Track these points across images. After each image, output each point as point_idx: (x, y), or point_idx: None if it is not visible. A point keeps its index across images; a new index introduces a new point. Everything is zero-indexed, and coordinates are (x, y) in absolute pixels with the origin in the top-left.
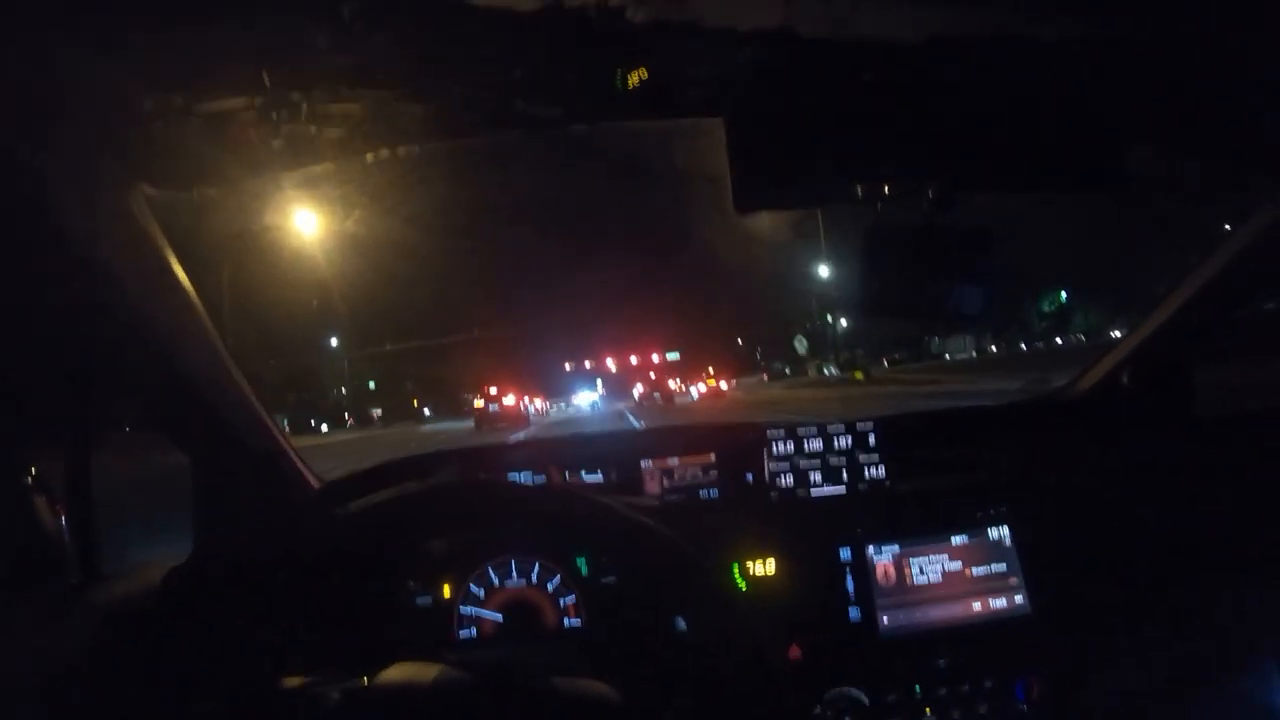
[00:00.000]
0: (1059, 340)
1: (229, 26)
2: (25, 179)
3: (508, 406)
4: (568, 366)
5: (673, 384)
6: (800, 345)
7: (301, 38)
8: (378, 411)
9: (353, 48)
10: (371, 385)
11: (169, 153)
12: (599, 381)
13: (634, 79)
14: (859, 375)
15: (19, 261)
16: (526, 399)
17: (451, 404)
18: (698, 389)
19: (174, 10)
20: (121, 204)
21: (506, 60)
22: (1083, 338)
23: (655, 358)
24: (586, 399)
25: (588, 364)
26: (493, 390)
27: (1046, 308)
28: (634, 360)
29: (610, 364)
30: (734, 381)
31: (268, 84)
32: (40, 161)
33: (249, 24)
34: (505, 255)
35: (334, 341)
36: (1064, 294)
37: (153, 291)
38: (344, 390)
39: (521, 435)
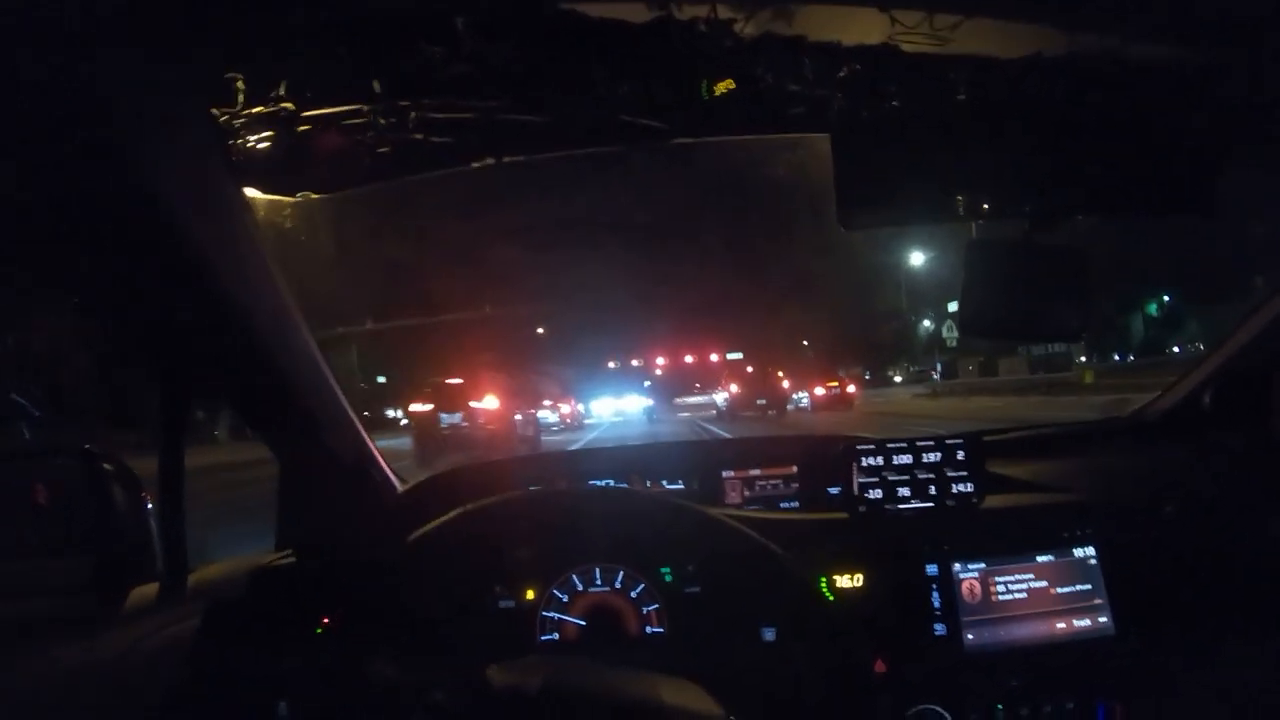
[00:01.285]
0: (1176, 349)
1: (340, 34)
2: (133, 178)
3: (485, 413)
4: (612, 364)
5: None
6: (949, 333)
7: (412, 46)
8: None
9: (462, 58)
10: (381, 379)
11: (276, 157)
12: (649, 385)
13: (721, 88)
14: (1089, 377)
15: (122, 259)
16: (541, 407)
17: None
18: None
19: (287, 18)
20: (226, 206)
21: (615, 73)
22: (1201, 346)
23: (714, 357)
24: (636, 405)
25: (635, 362)
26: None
27: (1153, 313)
28: (688, 360)
29: (659, 363)
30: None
31: (377, 91)
32: (148, 161)
33: (361, 32)
34: (590, 265)
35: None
36: (1166, 297)
37: (252, 293)
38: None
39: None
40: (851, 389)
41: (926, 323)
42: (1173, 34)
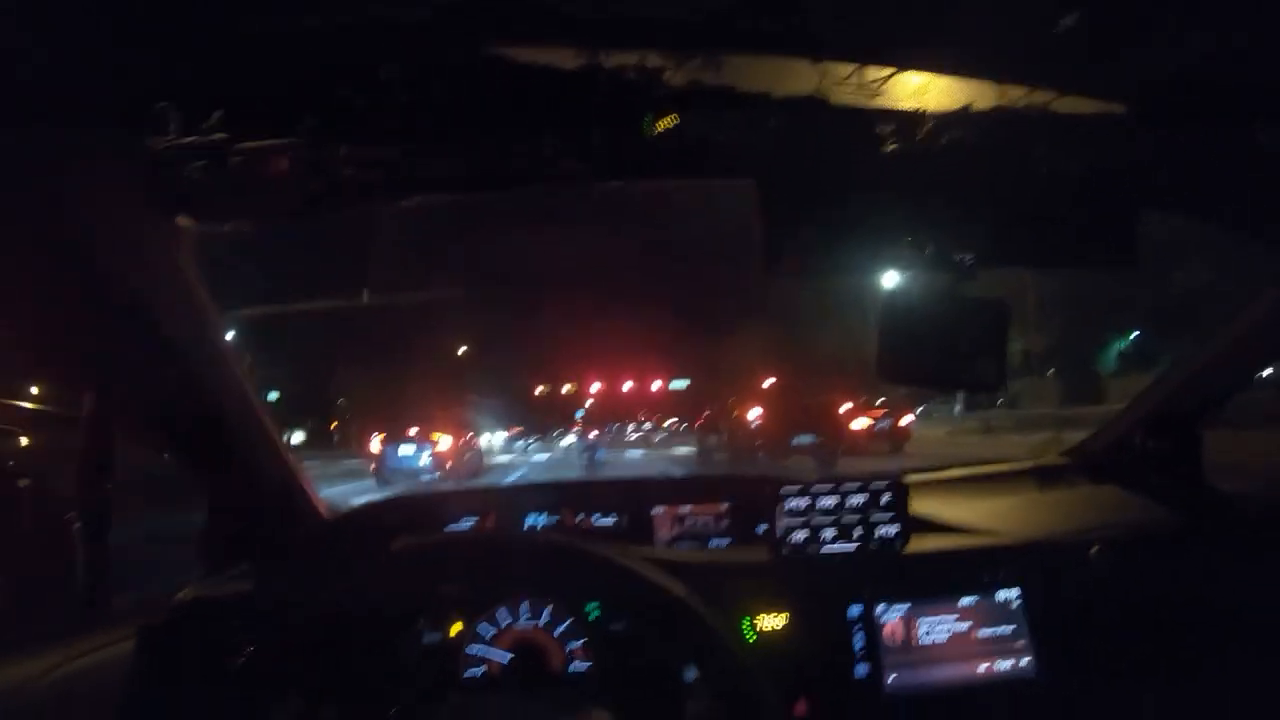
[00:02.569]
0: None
1: (272, 69)
2: (61, 204)
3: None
4: (539, 390)
5: None
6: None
7: (343, 83)
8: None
9: (392, 97)
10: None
11: (206, 188)
12: (583, 416)
13: (663, 124)
14: None
15: (48, 287)
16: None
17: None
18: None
19: (218, 50)
20: (157, 233)
21: (542, 117)
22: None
23: (656, 385)
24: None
25: (566, 388)
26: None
27: (1120, 348)
28: (627, 387)
29: (594, 390)
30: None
31: (307, 127)
32: (78, 188)
33: (292, 68)
34: (520, 303)
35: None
36: (1135, 332)
37: (180, 319)
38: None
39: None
40: (906, 420)
41: None
42: (1097, 88)
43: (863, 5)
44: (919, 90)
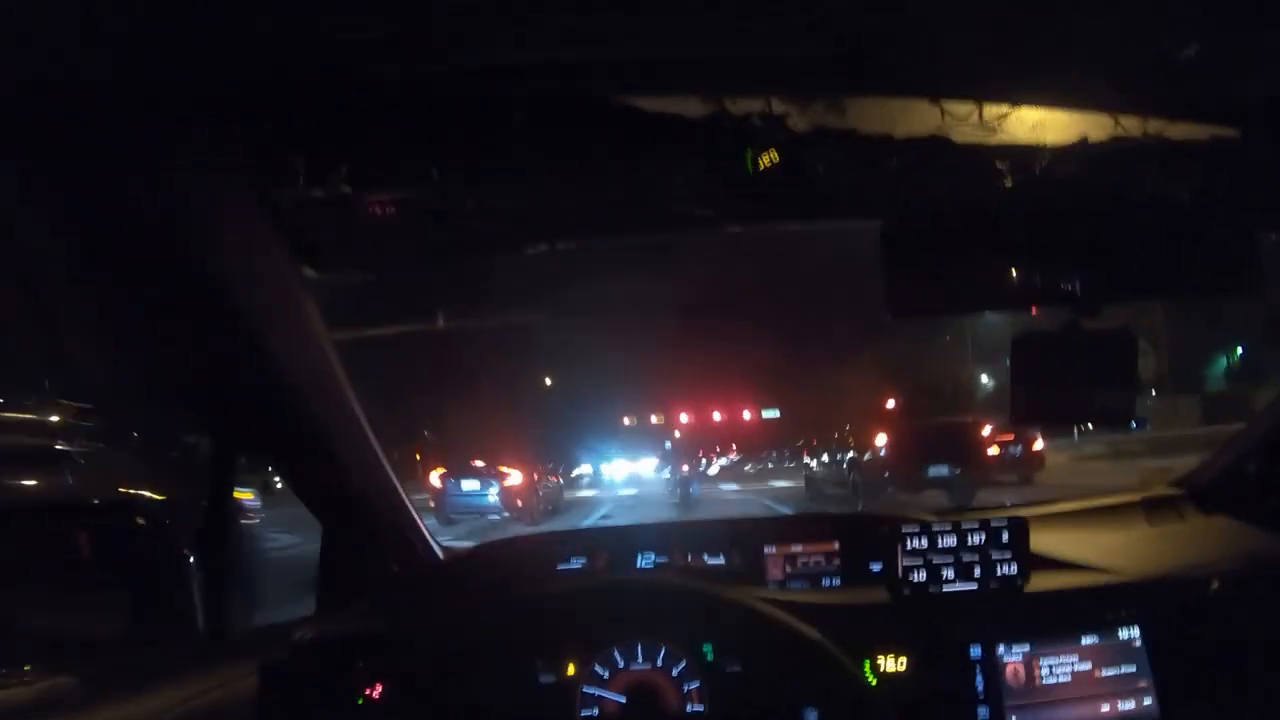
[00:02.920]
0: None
1: (399, 119)
2: (197, 253)
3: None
4: (627, 420)
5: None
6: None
7: (471, 133)
8: None
9: (520, 144)
10: None
11: (334, 237)
12: (670, 447)
13: (765, 161)
14: None
15: (184, 330)
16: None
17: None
18: None
19: (348, 101)
20: (283, 282)
21: (669, 162)
22: None
23: (747, 415)
24: (639, 468)
25: (655, 419)
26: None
27: (1227, 364)
28: (717, 417)
29: (683, 420)
30: None
31: (436, 177)
32: (213, 234)
33: (420, 117)
34: (646, 346)
35: None
36: (1240, 348)
37: (301, 360)
38: None
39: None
40: (1039, 445)
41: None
42: (1209, 114)
43: (978, 45)
44: (1036, 125)
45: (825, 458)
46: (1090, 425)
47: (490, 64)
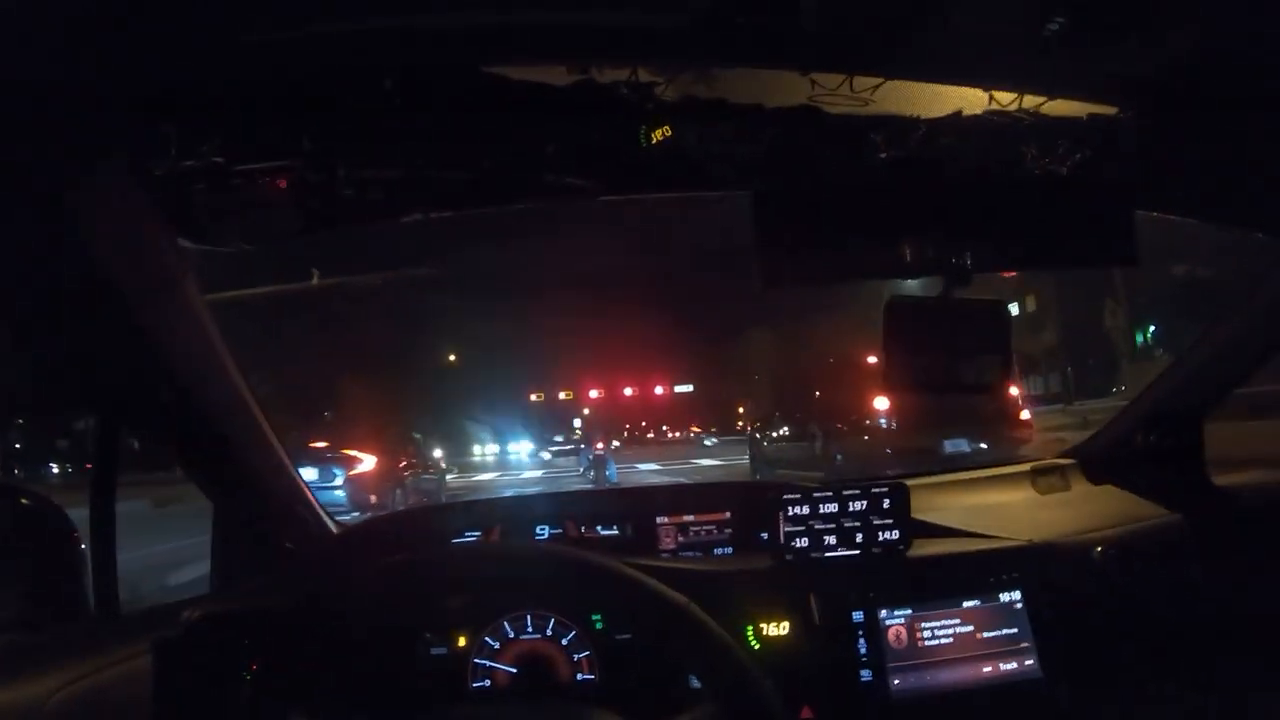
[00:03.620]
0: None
1: (271, 87)
2: (67, 224)
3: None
4: (534, 397)
5: None
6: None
7: (341, 104)
8: None
9: (391, 116)
10: None
11: (208, 208)
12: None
13: (658, 135)
14: None
15: (56, 303)
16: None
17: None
18: None
19: (219, 67)
20: (159, 253)
21: (538, 132)
22: None
23: (659, 389)
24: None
25: (563, 395)
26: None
27: (1140, 342)
28: (628, 392)
29: (593, 396)
30: None
31: (307, 147)
32: (82, 206)
33: (291, 87)
34: (519, 315)
35: None
36: (1152, 326)
37: (183, 337)
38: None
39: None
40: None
41: None
42: (1085, 89)
43: (850, 16)
44: (909, 98)
45: (785, 431)
46: (960, 393)
47: (361, 28)
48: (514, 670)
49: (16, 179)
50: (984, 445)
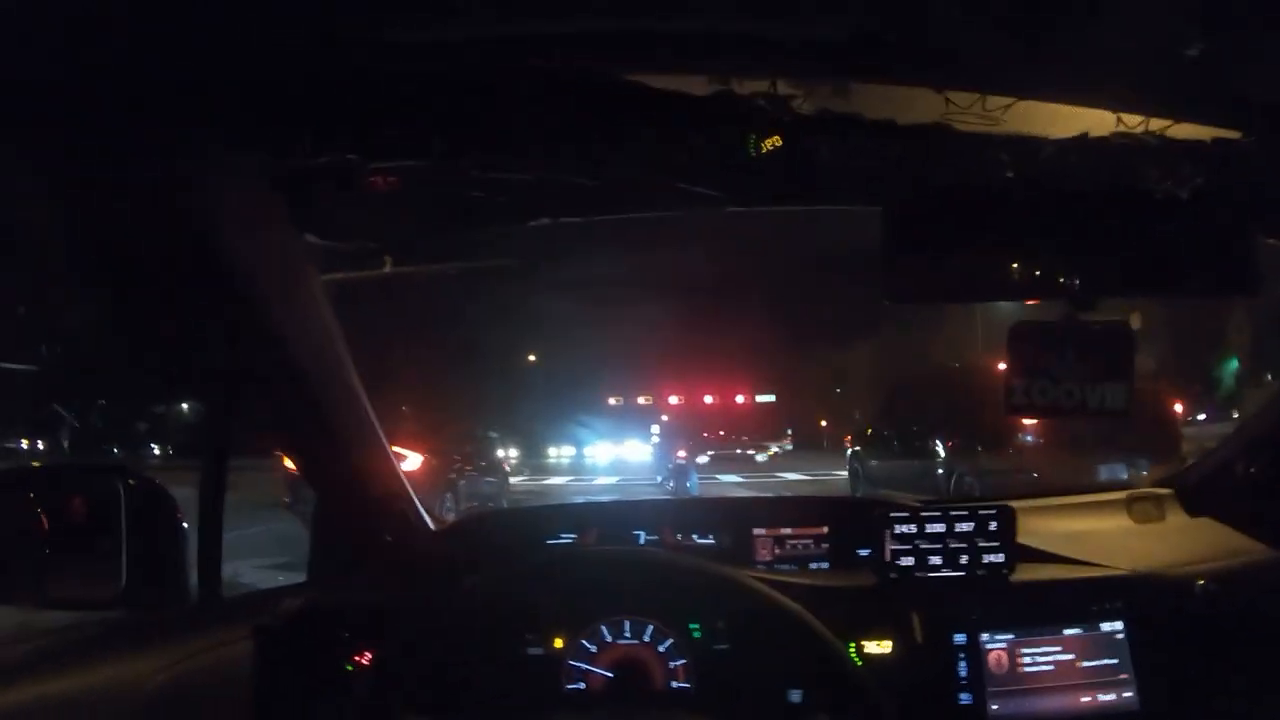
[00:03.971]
0: None
1: (404, 90)
2: (199, 219)
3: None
4: (613, 401)
5: None
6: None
7: (476, 106)
8: None
9: (525, 119)
10: None
11: (337, 206)
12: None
13: (767, 145)
14: None
15: (183, 293)
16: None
17: None
18: None
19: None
20: (285, 248)
21: (673, 140)
22: None
23: (740, 399)
24: (624, 452)
25: (642, 400)
26: None
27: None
28: (708, 400)
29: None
30: None
31: (438, 149)
32: (213, 201)
33: (425, 89)
34: (606, 317)
35: None
36: (1235, 361)
37: (301, 331)
38: None
39: None
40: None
41: None
42: (1212, 114)
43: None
44: (1039, 118)
45: (896, 446)
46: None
47: (497, 34)
48: (609, 675)
49: (150, 169)
50: (1144, 471)
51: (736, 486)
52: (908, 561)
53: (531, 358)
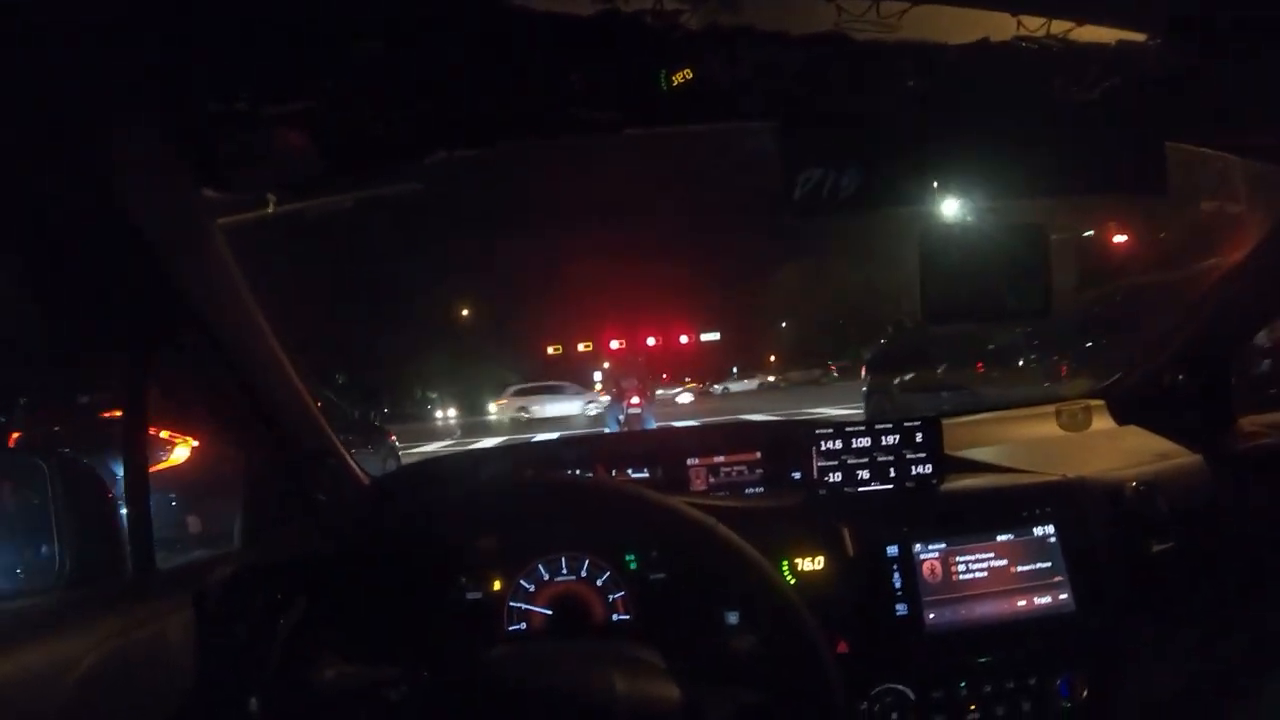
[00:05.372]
0: None
1: (291, 32)
2: (93, 172)
3: None
4: (551, 350)
5: None
6: None
7: (364, 42)
8: None
9: (415, 52)
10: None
11: (232, 156)
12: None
13: (678, 78)
14: None
15: (84, 256)
16: None
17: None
18: None
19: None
20: (185, 204)
21: (563, 65)
22: None
23: (684, 339)
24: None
25: (582, 347)
26: None
27: None
28: (651, 342)
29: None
30: None
31: (328, 87)
32: (107, 156)
33: (311, 30)
34: (549, 252)
35: None
36: None
37: (211, 289)
38: None
39: None
40: None
41: None
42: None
43: None
44: (937, 24)
45: (942, 371)
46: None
47: None
48: (549, 612)
49: (44, 125)
50: None
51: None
52: (835, 478)
53: (465, 312)
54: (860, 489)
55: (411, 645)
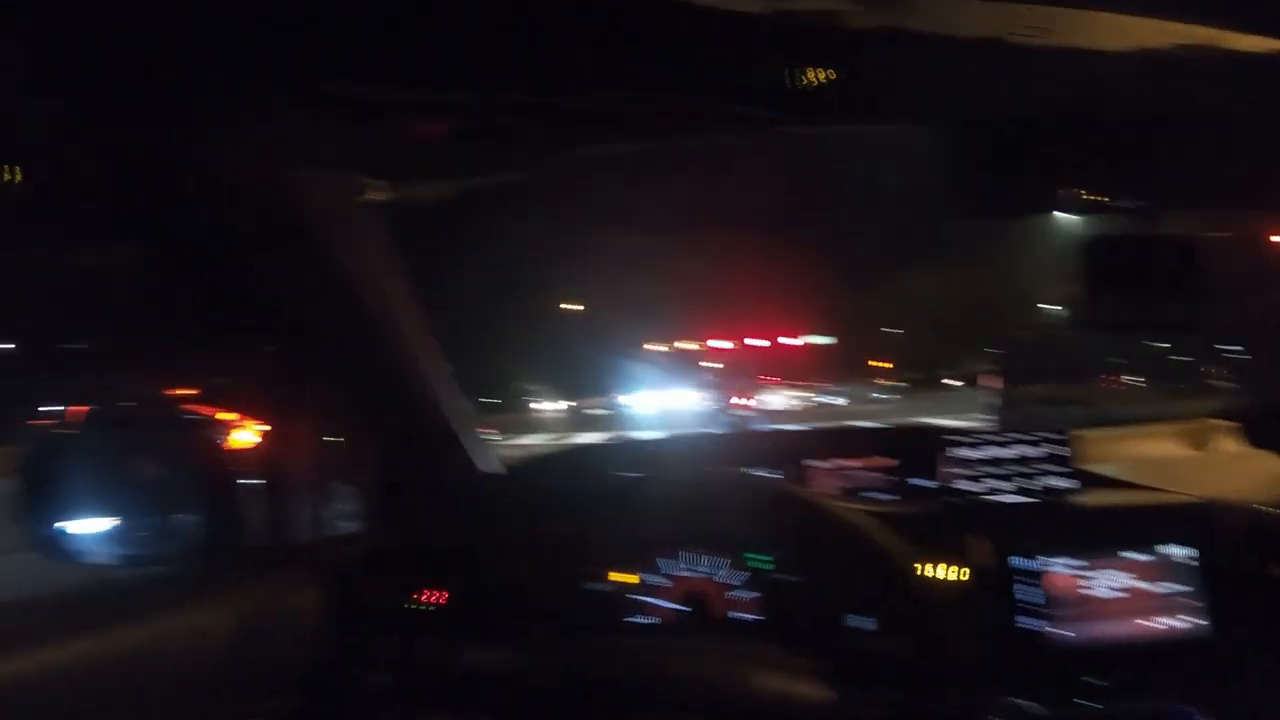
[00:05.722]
0: None
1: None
2: (252, 160)
3: None
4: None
5: None
6: None
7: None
8: None
9: (565, 48)
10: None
11: (385, 141)
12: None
13: (822, 77)
14: None
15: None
16: None
17: None
18: None
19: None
20: (340, 189)
21: (725, 62)
22: None
23: (793, 341)
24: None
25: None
26: None
27: None
28: (756, 344)
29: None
30: None
31: (490, 81)
32: (268, 142)
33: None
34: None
35: None
36: None
37: (360, 271)
38: None
39: None
40: None
41: None
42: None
43: None
44: (1093, 30)
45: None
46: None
47: None
48: (676, 607)
49: (206, 113)
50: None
51: None
52: (965, 486)
53: (565, 305)
54: (990, 498)
55: (536, 635)
